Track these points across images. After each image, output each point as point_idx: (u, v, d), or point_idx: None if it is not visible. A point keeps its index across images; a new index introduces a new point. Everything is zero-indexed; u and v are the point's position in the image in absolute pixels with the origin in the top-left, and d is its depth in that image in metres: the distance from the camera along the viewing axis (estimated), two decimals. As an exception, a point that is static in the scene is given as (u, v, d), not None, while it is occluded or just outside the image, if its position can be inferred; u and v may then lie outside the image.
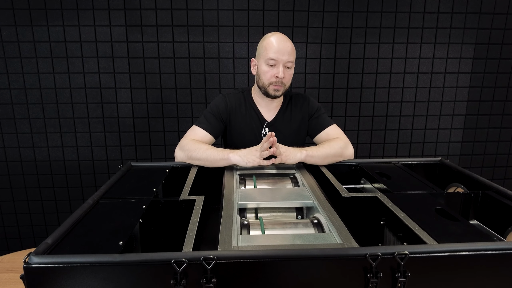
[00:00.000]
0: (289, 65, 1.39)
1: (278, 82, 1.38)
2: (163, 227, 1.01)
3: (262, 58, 1.40)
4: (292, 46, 1.39)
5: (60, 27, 2.07)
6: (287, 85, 1.43)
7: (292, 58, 1.38)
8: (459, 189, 1.20)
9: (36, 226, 2.33)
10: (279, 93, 1.42)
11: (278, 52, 1.35)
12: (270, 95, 1.42)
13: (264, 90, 1.42)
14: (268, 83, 1.40)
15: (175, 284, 0.66)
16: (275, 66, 1.37)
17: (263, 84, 1.42)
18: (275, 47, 1.35)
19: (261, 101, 1.50)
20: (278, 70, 1.37)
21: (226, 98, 1.50)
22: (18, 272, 0.68)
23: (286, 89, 1.44)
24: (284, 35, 1.41)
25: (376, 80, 2.27)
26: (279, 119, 1.50)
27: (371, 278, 0.69)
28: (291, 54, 1.38)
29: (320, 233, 0.86)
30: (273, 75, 1.38)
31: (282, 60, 1.36)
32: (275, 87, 1.40)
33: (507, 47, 2.27)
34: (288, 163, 1.31)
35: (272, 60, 1.36)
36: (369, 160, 1.44)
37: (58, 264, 0.66)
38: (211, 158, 1.29)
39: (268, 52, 1.36)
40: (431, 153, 2.41)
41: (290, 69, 1.40)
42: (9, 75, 2.12)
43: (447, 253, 0.71)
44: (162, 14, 2.10)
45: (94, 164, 2.27)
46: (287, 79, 1.41)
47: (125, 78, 2.17)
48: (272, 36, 1.39)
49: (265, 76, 1.40)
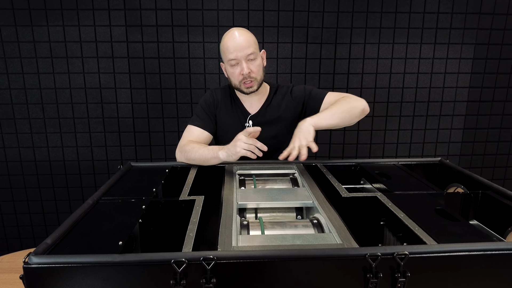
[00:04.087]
0: (251, 57, 1.37)
1: (246, 78, 1.39)
2: (163, 227, 1.01)
3: (225, 61, 1.42)
4: (248, 38, 1.37)
5: (60, 27, 2.07)
6: (258, 77, 1.42)
7: (252, 50, 1.36)
8: (459, 189, 1.20)
9: (36, 226, 2.33)
10: (253, 89, 1.42)
11: (234, 50, 1.35)
12: (245, 92, 1.44)
13: (239, 89, 1.44)
14: (238, 82, 1.41)
15: (174, 284, 0.66)
16: (238, 65, 1.38)
17: (235, 85, 1.44)
18: (230, 47, 1.36)
19: (243, 97, 1.51)
20: (241, 67, 1.37)
21: (213, 93, 1.53)
22: (18, 272, 0.67)
23: (259, 81, 1.43)
24: (239, 28, 1.39)
25: (376, 80, 2.27)
26: (263, 112, 1.51)
27: (371, 278, 0.69)
28: (249, 47, 1.36)
29: (319, 233, 0.86)
30: (239, 74, 1.39)
31: (242, 56, 1.36)
32: (246, 85, 1.41)
33: (507, 47, 2.27)
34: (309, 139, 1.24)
35: (232, 60, 1.37)
36: (369, 160, 1.44)
37: (57, 264, 0.66)
38: (203, 158, 1.30)
39: (227, 54, 1.38)
40: (431, 153, 2.41)
41: (254, 61, 1.39)
42: (9, 75, 2.12)
43: (447, 254, 0.71)
44: (162, 14, 2.10)
45: (94, 164, 2.27)
46: (255, 72, 1.40)
47: (125, 78, 2.17)
48: (226, 36, 1.39)
49: (233, 77, 1.41)
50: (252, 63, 1.38)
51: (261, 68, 1.43)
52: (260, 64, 1.42)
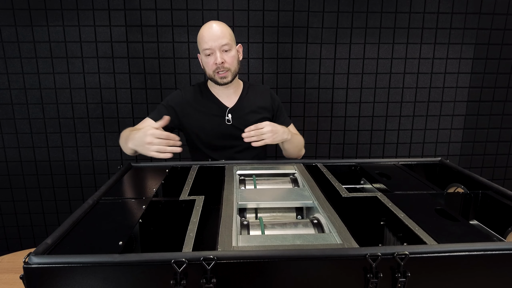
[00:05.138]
0: (226, 48, 1.41)
1: (220, 68, 1.41)
2: (163, 227, 1.01)
3: (200, 51, 1.46)
4: (223, 29, 1.41)
5: (60, 27, 2.07)
6: (232, 68, 1.45)
7: (226, 41, 1.40)
8: (459, 189, 1.20)
9: (36, 226, 2.33)
10: (227, 79, 1.45)
11: (209, 40, 1.39)
12: (219, 83, 1.46)
13: (213, 80, 1.47)
14: (212, 72, 1.44)
15: (175, 284, 0.66)
16: (212, 55, 1.41)
17: (209, 75, 1.47)
18: (205, 37, 1.40)
19: (218, 91, 1.54)
20: (215, 57, 1.40)
21: (182, 92, 1.54)
22: (18, 272, 0.68)
23: (234, 73, 1.46)
24: (216, 21, 1.44)
25: (376, 80, 2.27)
26: (241, 105, 1.54)
27: (371, 278, 0.69)
28: (224, 37, 1.39)
29: (320, 233, 0.86)
30: (213, 63, 1.42)
31: (216, 45, 1.39)
32: (220, 75, 1.44)
33: (507, 47, 2.27)
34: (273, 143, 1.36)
35: (206, 50, 1.41)
36: (369, 160, 1.44)
37: (57, 264, 0.66)
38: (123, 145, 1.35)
39: (202, 44, 1.42)
40: (431, 153, 2.41)
41: (229, 52, 1.42)
42: (9, 75, 2.12)
43: (447, 253, 0.71)
44: (162, 14, 2.10)
45: (94, 164, 2.27)
46: (229, 62, 1.43)
47: (125, 78, 2.17)
48: (202, 28, 1.43)
49: (207, 66, 1.45)
50: (226, 54, 1.42)
51: (235, 60, 1.46)
52: (234, 56, 1.45)
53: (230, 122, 1.51)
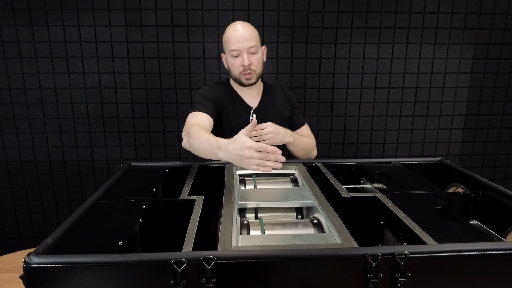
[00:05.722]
0: (253, 50, 1.41)
1: (246, 69, 1.42)
2: (163, 227, 1.01)
3: (226, 52, 1.46)
4: (251, 31, 1.41)
5: (60, 27, 2.07)
6: (257, 70, 1.45)
7: (254, 43, 1.40)
8: (459, 189, 1.20)
9: (36, 226, 2.33)
10: (252, 81, 1.46)
11: (237, 41, 1.39)
12: (244, 84, 1.46)
13: (238, 81, 1.47)
14: (238, 73, 1.44)
15: (175, 284, 0.66)
16: (239, 56, 1.42)
17: (235, 76, 1.47)
18: (233, 38, 1.40)
19: (242, 91, 1.53)
20: (242, 58, 1.41)
21: (215, 87, 1.51)
22: (18, 272, 0.67)
23: (258, 74, 1.47)
24: (243, 22, 1.44)
25: (376, 80, 2.27)
26: (264, 105, 1.54)
27: (371, 278, 0.69)
28: (251, 40, 1.40)
29: (320, 233, 0.86)
30: (239, 65, 1.42)
31: (244, 47, 1.40)
32: (246, 76, 1.44)
33: (507, 47, 2.27)
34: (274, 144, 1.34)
35: (234, 51, 1.41)
36: (369, 160, 1.44)
37: (57, 264, 0.66)
38: (202, 150, 1.16)
39: (229, 45, 1.41)
40: (431, 153, 2.41)
41: (255, 54, 1.43)
42: (9, 75, 2.12)
43: (447, 253, 0.71)
44: (162, 14, 2.10)
45: (94, 164, 2.27)
46: (255, 65, 1.44)
47: (125, 78, 2.17)
48: (230, 28, 1.43)
49: (233, 67, 1.45)
50: (253, 56, 1.42)
51: (261, 62, 1.47)
52: (260, 58, 1.45)
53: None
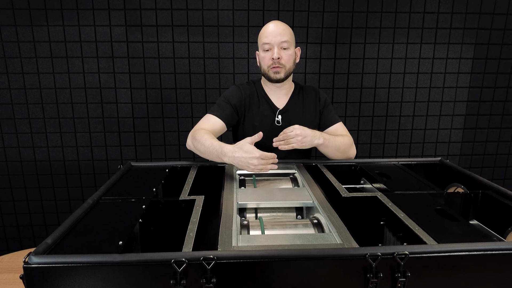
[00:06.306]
0: (285, 45, 1.41)
1: (275, 63, 1.42)
2: (163, 227, 1.01)
3: (260, 47, 1.47)
4: (285, 28, 1.43)
5: (60, 27, 2.07)
6: (287, 66, 1.44)
7: (286, 38, 1.41)
8: (459, 189, 1.20)
9: (36, 226, 2.33)
10: (280, 75, 1.44)
11: (269, 35, 1.41)
12: (272, 78, 1.45)
13: (267, 75, 1.47)
14: (267, 67, 1.44)
15: (175, 284, 0.66)
16: (270, 50, 1.42)
17: (264, 70, 1.47)
18: (267, 32, 1.42)
19: (270, 90, 1.53)
20: (273, 52, 1.41)
21: (240, 88, 1.52)
22: (18, 272, 0.68)
23: (288, 71, 1.46)
24: (279, 21, 1.46)
25: (376, 80, 2.27)
26: (291, 107, 1.52)
27: (371, 278, 0.69)
28: (284, 35, 1.41)
29: (320, 233, 0.86)
30: (269, 58, 1.42)
31: (275, 41, 1.40)
32: (274, 69, 1.43)
33: (507, 47, 2.27)
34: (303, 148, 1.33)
35: (266, 44, 1.42)
36: (369, 160, 1.44)
37: (57, 264, 0.66)
38: (208, 153, 1.28)
39: (262, 39, 1.44)
40: (431, 153, 2.41)
41: (287, 50, 1.43)
42: (9, 75, 2.12)
43: (447, 253, 0.71)
44: (162, 14, 2.10)
45: (94, 164, 2.27)
46: (285, 60, 1.43)
47: (125, 78, 2.17)
48: (265, 25, 1.45)
49: (263, 61, 1.45)
50: (284, 52, 1.42)
51: (292, 59, 1.46)
52: (291, 55, 1.45)
53: (279, 123, 1.50)
